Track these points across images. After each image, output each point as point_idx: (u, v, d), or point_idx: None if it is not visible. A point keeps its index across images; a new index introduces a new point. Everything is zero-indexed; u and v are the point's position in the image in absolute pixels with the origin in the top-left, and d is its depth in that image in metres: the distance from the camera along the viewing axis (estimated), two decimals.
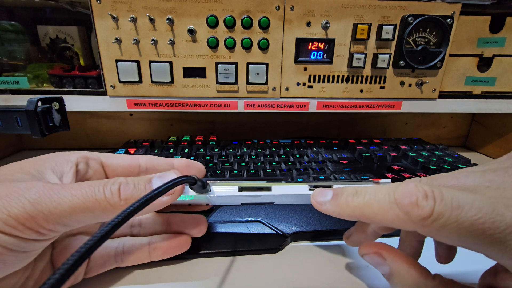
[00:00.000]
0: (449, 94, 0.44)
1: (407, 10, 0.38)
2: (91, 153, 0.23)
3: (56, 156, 0.21)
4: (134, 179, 0.19)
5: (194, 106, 0.42)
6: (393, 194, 0.16)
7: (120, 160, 0.24)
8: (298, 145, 0.47)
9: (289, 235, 0.29)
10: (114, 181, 0.19)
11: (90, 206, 0.17)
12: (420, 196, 0.15)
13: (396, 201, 0.16)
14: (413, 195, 0.15)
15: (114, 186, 0.18)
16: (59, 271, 0.12)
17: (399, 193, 0.16)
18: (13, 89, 0.40)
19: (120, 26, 0.37)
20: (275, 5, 0.37)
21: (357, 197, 0.18)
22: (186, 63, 0.39)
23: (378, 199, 0.17)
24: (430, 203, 0.15)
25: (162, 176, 0.20)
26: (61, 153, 0.22)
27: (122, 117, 0.55)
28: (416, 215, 0.15)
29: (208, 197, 0.23)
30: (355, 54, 0.39)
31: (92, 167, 0.23)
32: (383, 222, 0.16)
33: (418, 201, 0.15)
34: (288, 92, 0.42)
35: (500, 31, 0.41)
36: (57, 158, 0.21)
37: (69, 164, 0.21)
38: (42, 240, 0.17)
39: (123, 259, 0.24)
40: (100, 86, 0.40)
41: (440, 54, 0.40)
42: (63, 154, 0.22)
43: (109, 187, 0.18)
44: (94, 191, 0.18)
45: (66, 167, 0.21)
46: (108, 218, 0.18)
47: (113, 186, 0.18)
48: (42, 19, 0.46)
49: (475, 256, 0.16)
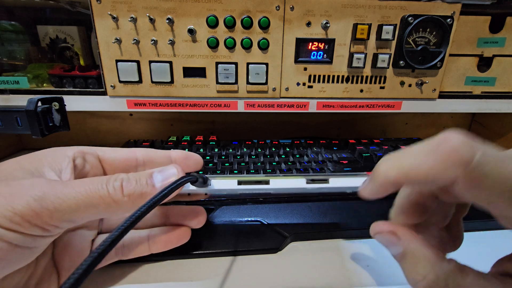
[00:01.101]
0: (449, 94, 0.44)
1: (407, 10, 0.38)
2: (88, 148, 0.23)
3: (53, 151, 0.21)
4: (135, 175, 0.20)
5: (194, 106, 0.42)
6: (433, 142, 0.15)
7: (116, 154, 0.24)
8: (298, 145, 0.47)
9: (289, 235, 0.29)
10: (116, 178, 0.19)
11: (94, 203, 0.18)
12: (461, 142, 0.14)
13: (438, 147, 0.15)
14: (454, 141, 0.14)
15: (117, 183, 0.19)
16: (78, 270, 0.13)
17: (438, 139, 0.15)
18: (13, 89, 0.40)
19: (120, 26, 0.37)
20: (275, 5, 0.37)
21: (393, 157, 0.16)
22: (186, 63, 0.39)
23: (418, 150, 0.15)
24: (472, 149, 0.14)
25: (162, 170, 0.21)
26: (58, 148, 0.22)
27: (122, 117, 0.55)
28: (458, 158, 0.14)
29: (208, 188, 0.23)
30: (355, 54, 0.39)
31: (89, 162, 0.23)
32: (421, 175, 0.15)
33: (460, 146, 0.14)
34: (288, 92, 0.42)
35: (500, 31, 0.41)
36: (53, 154, 0.21)
37: (66, 159, 0.21)
38: (46, 236, 0.18)
39: (124, 253, 0.24)
40: (100, 86, 0.40)
41: (440, 54, 0.40)
42: (60, 149, 0.22)
43: (111, 183, 0.18)
44: (97, 187, 0.18)
45: (64, 162, 0.21)
46: (111, 214, 0.19)
47: (115, 183, 0.18)
48: (42, 19, 0.46)
49: None
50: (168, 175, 0.20)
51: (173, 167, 0.21)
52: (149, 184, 0.19)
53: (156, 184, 0.20)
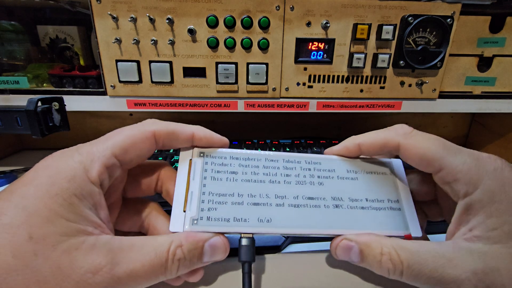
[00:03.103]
0: (449, 94, 0.44)
1: (407, 10, 0.38)
2: (107, 159, 0.19)
3: (73, 179, 0.17)
4: (190, 249, 0.19)
5: (194, 106, 0.42)
6: None
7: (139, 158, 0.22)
8: (298, 145, 0.47)
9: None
10: (173, 260, 0.19)
11: (152, 278, 0.18)
12: None
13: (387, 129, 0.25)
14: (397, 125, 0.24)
15: (174, 266, 0.19)
16: None
17: None
18: (13, 89, 0.40)
19: (120, 26, 0.37)
20: (275, 5, 0.37)
21: None
22: (186, 63, 0.39)
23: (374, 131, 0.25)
24: (409, 127, 0.23)
25: (214, 251, 0.21)
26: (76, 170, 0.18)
27: (122, 117, 0.55)
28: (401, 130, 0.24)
29: None
30: (355, 54, 0.39)
31: (113, 176, 0.20)
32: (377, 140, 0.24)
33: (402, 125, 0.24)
34: (288, 92, 0.42)
35: (500, 31, 0.41)
36: (76, 183, 0.17)
37: (94, 188, 0.18)
38: None
39: None
40: (100, 86, 0.40)
41: (440, 54, 0.40)
42: (80, 173, 0.18)
43: (169, 269, 0.19)
44: (157, 272, 0.18)
45: (92, 191, 0.18)
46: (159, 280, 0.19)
47: (173, 266, 0.19)
48: (42, 19, 0.46)
49: None
50: (216, 257, 0.21)
51: (223, 244, 0.21)
52: (198, 264, 0.20)
53: (204, 261, 0.20)
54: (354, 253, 0.21)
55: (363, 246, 0.21)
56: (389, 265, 0.19)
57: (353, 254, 0.21)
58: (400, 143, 0.22)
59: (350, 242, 0.21)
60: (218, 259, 0.21)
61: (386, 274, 0.20)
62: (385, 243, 0.20)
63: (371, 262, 0.20)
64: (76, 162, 0.18)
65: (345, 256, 0.22)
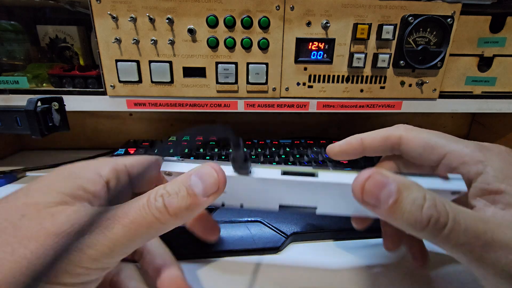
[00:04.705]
0: (449, 94, 0.44)
1: (407, 10, 0.38)
2: (118, 165, 0.21)
3: (84, 170, 0.19)
4: (174, 186, 0.18)
5: (194, 106, 0.42)
6: None
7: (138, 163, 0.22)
8: (298, 145, 0.47)
9: (289, 235, 0.29)
10: (155, 196, 0.17)
11: (145, 231, 0.17)
12: None
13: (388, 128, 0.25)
14: None
15: (158, 203, 0.17)
16: None
17: None
18: (13, 89, 0.40)
19: (120, 26, 0.37)
20: (275, 5, 0.37)
21: None
22: (186, 63, 0.39)
23: None
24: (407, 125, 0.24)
25: (200, 174, 0.18)
26: (89, 166, 0.19)
27: (122, 117, 0.55)
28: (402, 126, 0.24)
29: None
30: (355, 54, 0.39)
31: (121, 181, 0.21)
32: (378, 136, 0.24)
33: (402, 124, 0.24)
34: (288, 92, 0.41)
35: (501, 31, 0.41)
36: (85, 175, 0.19)
37: (101, 183, 0.19)
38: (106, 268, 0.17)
39: None
40: (100, 86, 0.40)
41: (441, 54, 0.40)
42: (92, 168, 0.19)
43: (153, 206, 0.17)
44: (142, 214, 0.17)
45: (98, 185, 0.19)
46: (162, 232, 0.18)
47: (157, 203, 0.17)
48: (42, 19, 0.46)
49: None
50: (207, 181, 0.18)
51: (209, 167, 0.19)
52: (190, 194, 0.18)
53: (197, 192, 0.18)
54: (387, 192, 0.16)
55: (402, 186, 0.16)
56: (433, 211, 0.16)
57: (385, 194, 0.16)
58: (402, 135, 0.23)
59: (386, 178, 0.16)
60: (214, 190, 0.18)
61: (423, 225, 0.16)
62: (428, 191, 0.17)
63: (408, 207, 0.16)
64: (89, 163, 0.20)
65: (372, 196, 0.17)
